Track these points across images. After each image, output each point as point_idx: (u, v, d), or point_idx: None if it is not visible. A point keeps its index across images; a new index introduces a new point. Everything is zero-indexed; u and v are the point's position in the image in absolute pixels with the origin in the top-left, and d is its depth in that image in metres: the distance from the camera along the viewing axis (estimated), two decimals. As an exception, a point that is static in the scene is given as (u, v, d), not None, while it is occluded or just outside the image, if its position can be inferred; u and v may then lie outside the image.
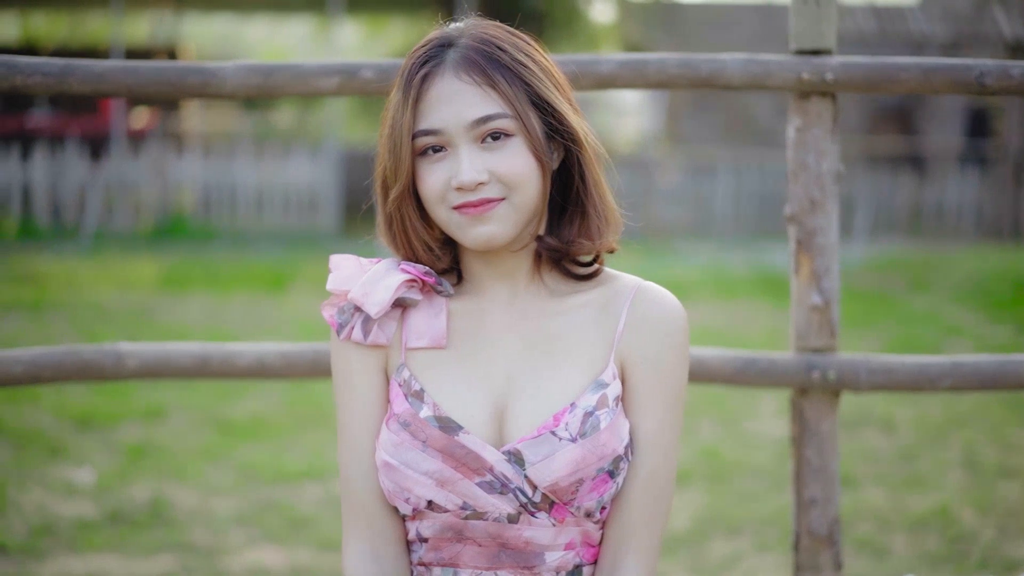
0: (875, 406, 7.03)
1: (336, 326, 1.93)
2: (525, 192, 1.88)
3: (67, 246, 14.50)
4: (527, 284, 1.97)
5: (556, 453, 1.86)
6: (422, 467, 1.87)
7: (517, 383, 1.92)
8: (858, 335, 9.59)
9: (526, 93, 1.89)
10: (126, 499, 5.30)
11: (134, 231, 15.82)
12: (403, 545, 1.95)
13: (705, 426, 6.70)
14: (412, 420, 1.88)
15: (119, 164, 16.39)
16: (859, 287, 12.37)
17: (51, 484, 5.50)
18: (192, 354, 2.76)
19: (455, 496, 1.87)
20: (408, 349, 1.94)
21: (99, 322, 9.47)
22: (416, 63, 1.90)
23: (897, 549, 4.88)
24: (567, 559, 1.92)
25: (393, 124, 1.89)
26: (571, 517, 1.90)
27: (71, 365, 2.69)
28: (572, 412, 1.88)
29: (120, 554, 4.68)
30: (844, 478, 5.72)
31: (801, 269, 2.70)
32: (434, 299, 1.96)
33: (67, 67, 2.60)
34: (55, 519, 5.03)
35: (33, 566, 4.55)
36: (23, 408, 6.76)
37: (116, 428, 6.48)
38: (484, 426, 1.89)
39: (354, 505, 1.93)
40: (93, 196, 15.82)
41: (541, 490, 1.87)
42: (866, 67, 2.64)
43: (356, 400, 1.94)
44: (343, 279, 1.93)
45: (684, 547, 4.92)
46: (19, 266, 12.70)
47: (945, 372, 2.74)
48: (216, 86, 2.61)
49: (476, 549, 1.90)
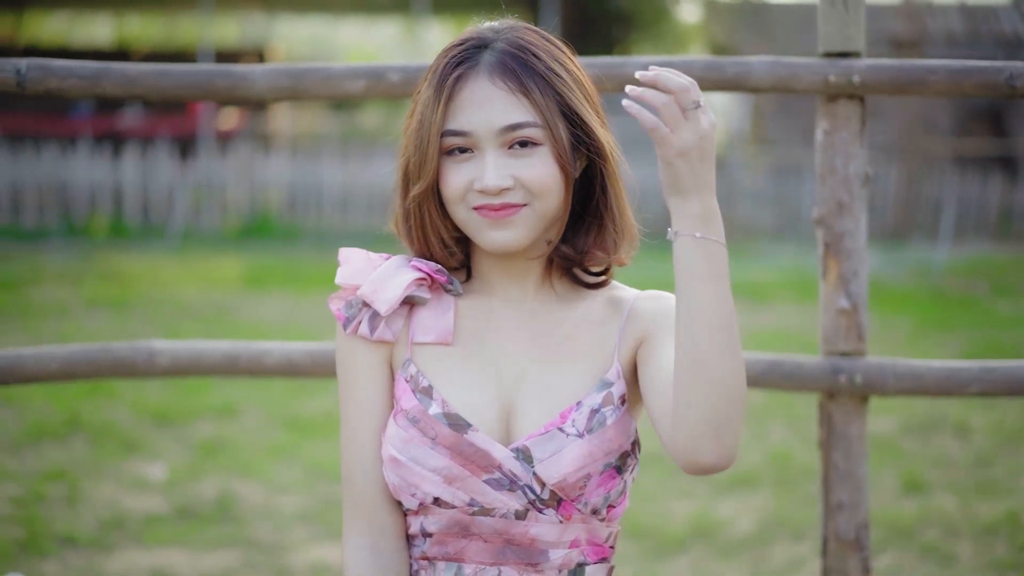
0: (949, 411, 6.94)
1: (343, 320, 1.95)
2: (547, 200, 1.90)
3: (155, 245, 14.74)
4: (537, 288, 1.98)
5: (564, 449, 1.87)
6: (430, 464, 1.88)
7: (524, 382, 1.93)
8: (939, 339, 9.46)
9: (557, 103, 1.89)
10: (195, 494, 5.39)
11: (221, 230, 16.03)
12: (403, 540, 1.96)
13: (776, 429, 6.66)
14: (421, 416, 1.90)
15: (207, 164, 16.63)
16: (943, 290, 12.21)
17: (123, 479, 5.61)
18: (222, 352, 2.81)
19: (463, 493, 1.89)
20: (415, 344, 1.95)
21: (180, 319, 9.61)
22: (451, 62, 1.91)
23: (964, 556, 4.81)
24: (571, 557, 1.92)
25: (422, 121, 1.90)
26: (578, 514, 1.91)
27: (105, 362, 2.76)
28: (578, 410, 1.89)
29: (185, 548, 4.76)
30: (913, 484, 5.66)
31: (829, 273, 2.69)
32: (443, 296, 1.97)
33: (101, 70, 2.65)
34: (125, 513, 5.12)
35: (101, 559, 4.64)
36: (102, 403, 6.89)
37: (190, 424, 6.58)
38: (492, 424, 1.90)
39: (355, 499, 1.95)
40: (181, 196, 16.06)
41: (549, 487, 1.88)
42: (894, 70, 2.61)
43: (360, 394, 1.95)
44: (352, 273, 1.95)
45: (747, 550, 4.90)
46: (108, 264, 12.94)
47: (974, 377, 2.71)
48: (245, 89, 2.65)
49: (481, 544, 1.91)
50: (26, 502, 5.21)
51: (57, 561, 4.59)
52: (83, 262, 13.08)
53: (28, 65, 2.64)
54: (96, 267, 12.72)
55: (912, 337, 9.59)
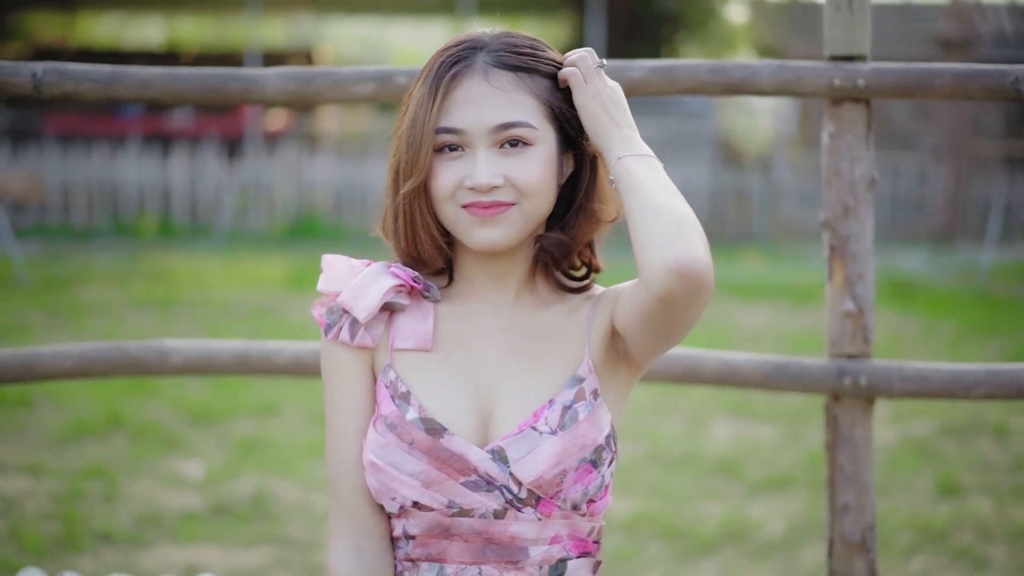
0: (989, 414, 6.90)
1: (325, 326, 1.99)
2: (536, 200, 1.93)
3: (202, 245, 14.88)
4: (518, 291, 2.01)
5: (538, 447, 1.90)
6: (408, 468, 1.91)
7: (502, 386, 1.96)
8: (982, 342, 9.40)
9: (549, 105, 1.94)
10: (231, 492, 5.45)
11: (267, 231, 16.15)
12: (387, 542, 1.99)
13: (812, 432, 6.64)
14: (399, 422, 1.93)
15: (254, 165, 16.76)
16: (989, 292, 12.11)
17: (161, 476, 5.67)
18: (233, 351, 2.85)
19: (441, 496, 1.92)
20: (395, 350, 1.98)
21: (223, 319, 9.71)
22: (446, 62, 1.95)
23: (997, 561, 4.79)
24: (552, 553, 1.95)
25: (415, 118, 1.93)
26: (557, 511, 1.93)
27: (119, 360, 2.81)
28: (551, 408, 1.92)
29: (220, 545, 4.82)
30: (949, 487, 5.63)
31: (834, 275, 2.69)
32: (423, 302, 2.01)
33: (115, 74, 2.70)
34: (161, 510, 5.19)
35: (136, 555, 4.71)
36: (144, 401, 6.98)
37: (230, 423, 6.65)
38: (469, 428, 1.93)
39: (339, 502, 1.98)
40: (228, 196, 16.20)
41: (526, 486, 1.91)
42: (899, 73, 2.61)
43: (343, 399, 1.99)
44: (333, 280, 1.99)
45: (777, 552, 4.90)
46: (155, 264, 13.07)
47: (980, 380, 2.70)
48: (256, 92, 2.70)
49: (462, 545, 1.94)
50: (65, 499, 5.29)
51: (92, 557, 4.66)
52: (131, 261, 13.22)
53: (44, 69, 2.69)
54: (143, 266, 12.86)
55: (955, 340, 9.53)
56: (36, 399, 6.91)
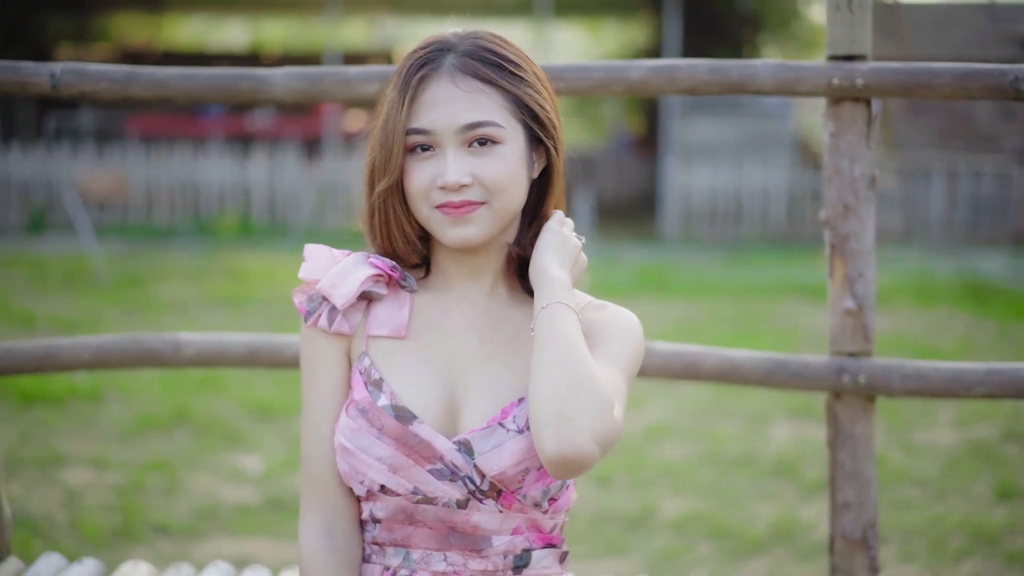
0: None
1: (304, 313, 2.05)
2: (505, 198, 1.98)
3: (279, 244, 15.05)
4: (492, 286, 2.06)
5: (504, 444, 1.94)
6: (376, 453, 1.97)
7: (472, 377, 2.01)
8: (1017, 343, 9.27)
9: (516, 104, 1.98)
10: (287, 487, 5.53)
11: (344, 230, 16.30)
12: (356, 523, 2.05)
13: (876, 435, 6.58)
14: (370, 408, 1.98)
15: (332, 165, 16.94)
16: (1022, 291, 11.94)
17: (221, 470, 5.78)
18: (244, 344, 2.92)
19: (406, 481, 1.97)
20: (371, 337, 2.03)
21: (290, 317, 9.82)
22: (415, 64, 2.00)
23: (1051, 565, 4.74)
24: (515, 543, 2.00)
25: (387, 120, 1.99)
26: (517, 504, 1.98)
27: (135, 352, 2.89)
28: (519, 406, 1.96)
29: (272, 538, 4.90)
30: (1007, 491, 5.57)
31: (835, 273, 2.69)
32: (400, 292, 2.06)
33: (131, 74, 2.77)
34: (218, 503, 5.28)
35: (191, 546, 4.80)
36: (209, 397, 7.10)
37: (292, 418, 6.74)
38: (438, 416, 1.98)
39: (311, 483, 2.04)
40: (306, 196, 16.38)
41: (489, 479, 1.95)
42: (898, 72, 2.60)
43: (319, 384, 2.04)
44: (315, 269, 2.04)
45: (825, 554, 4.87)
46: (231, 262, 13.25)
47: (979, 379, 2.69)
48: (266, 91, 2.76)
49: (427, 531, 1.99)
50: (126, 491, 5.40)
51: (147, 548, 4.76)
52: (208, 260, 13.41)
53: (62, 69, 2.77)
54: (220, 265, 13.04)
55: (1027, 344, 9.40)
56: (106, 393, 7.06)
